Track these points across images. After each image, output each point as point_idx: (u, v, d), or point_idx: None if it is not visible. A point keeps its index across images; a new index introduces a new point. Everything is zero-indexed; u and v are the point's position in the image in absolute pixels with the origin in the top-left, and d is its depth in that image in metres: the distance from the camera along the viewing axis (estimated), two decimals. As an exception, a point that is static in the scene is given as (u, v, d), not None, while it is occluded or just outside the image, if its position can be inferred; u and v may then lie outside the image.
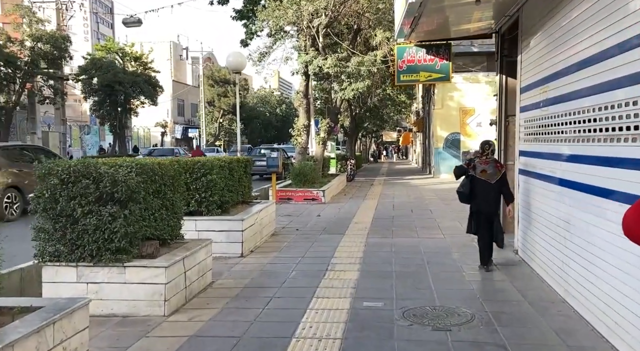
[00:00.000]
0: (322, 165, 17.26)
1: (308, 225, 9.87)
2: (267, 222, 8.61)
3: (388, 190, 17.44)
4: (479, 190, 6.14)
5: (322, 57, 15.34)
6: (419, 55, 8.60)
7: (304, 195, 13.32)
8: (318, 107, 24.35)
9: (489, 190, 6.11)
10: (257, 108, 59.36)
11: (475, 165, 6.18)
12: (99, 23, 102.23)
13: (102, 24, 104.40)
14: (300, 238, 8.49)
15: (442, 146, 22.81)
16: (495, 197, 6.22)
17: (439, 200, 13.96)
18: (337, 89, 16.22)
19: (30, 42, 22.18)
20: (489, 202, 6.16)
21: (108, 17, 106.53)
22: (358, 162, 29.20)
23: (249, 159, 8.83)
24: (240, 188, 8.34)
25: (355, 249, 7.50)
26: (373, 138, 46.68)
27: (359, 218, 10.64)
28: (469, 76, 22.64)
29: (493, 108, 22.76)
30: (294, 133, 16.05)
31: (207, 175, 7.11)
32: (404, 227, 9.58)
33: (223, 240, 7.11)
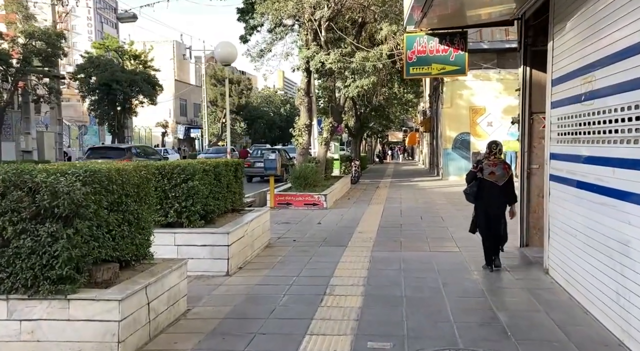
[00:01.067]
0: (325, 166, 16.31)
1: (307, 235, 8.91)
2: (260, 232, 7.66)
3: (394, 193, 16.45)
4: (486, 192, 6.11)
5: (325, 52, 14.39)
6: (430, 45, 7.62)
7: (304, 199, 12.36)
8: (321, 106, 23.42)
9: (497, 192, 6.08)
10: (261, 108, 58.49)
11: (483, 166, 6.13)
12: (103, 23, 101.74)
13: (107, 24, 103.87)
14: (297, 252, 7.53)
15: (451, 147, 21.78)
16: (503, 199, 6.17)
17: (449, 206, 12.96)
18: (341, 86, 15.24)
19: (23, 39, 21.33)
20: (496, 204, 6.14)
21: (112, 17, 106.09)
22: (363, 163, 28.23)
23: (239, 162, 7.88)
24: (229, 195, 7.40)
25: (358, 266, 6.53)
26: (378, 138, 45.65)
27: (363, 227, 9.67)
28: (479, 73, 21.63)
29: (505, 107, 21.79)
30: (294, 133, 15.09)
31: (188, 181, 6.17)
32: (414, 237, 8.60)
33: (206, 256, 6.18)
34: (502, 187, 6.10)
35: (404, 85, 23.47)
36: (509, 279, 5.86)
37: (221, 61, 7.92)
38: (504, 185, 6.10)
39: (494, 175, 6.08)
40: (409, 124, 49.69)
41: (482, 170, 6.14)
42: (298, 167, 13.31)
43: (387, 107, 26.08)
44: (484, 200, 6.17)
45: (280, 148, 24.83)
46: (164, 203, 6.19)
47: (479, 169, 6.17)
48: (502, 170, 6.11)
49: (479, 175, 6.15)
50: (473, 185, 6.23)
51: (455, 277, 5.97)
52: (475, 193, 6.21)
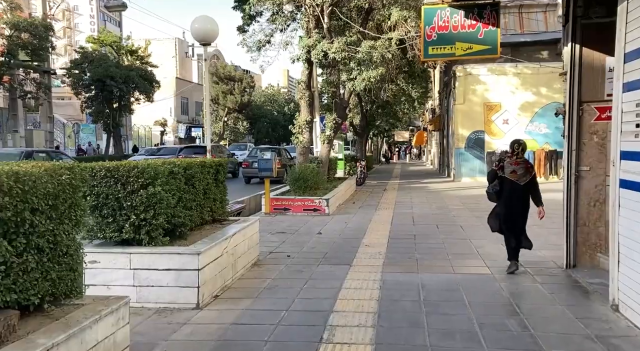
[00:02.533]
0: (328, 167, 14.91)
1: (304, 249, 7.52)
2: (246, 248, 6.28)
3: (404, 196, 15.03)
4: (507, 191, 6.02)
5: (328, 41, 13.00)
6: (454, 19, 6.22)
7: (303, 204, 10.97)
8: (325, 103, 22.02)
9: (518, 191, 5.97)
10: (264, 106, 57.14)
11: (505, 165, 6.02)
12: (106, 21, 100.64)
13: (110, 22, 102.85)
14: (291, 272, 6.14)
15: (464, 146, 20.33)
16: (524, 199, 6.01)
17: (467, 212, 11.53)
18: (345, 79, 13.84)
19: (8, 30, 20.07)
20: (517, 204, 6.01)
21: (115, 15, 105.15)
22: (369, 164, 26.82)
23: (221, 163, 6.51)
24: (206, 203, 6.03)
25: (366, 295, 5.14)
26: (385, 137, 44.17)
27: (370, 238, 8.27)
28: (494, 67, 20.21)
29: (522, 103, 20.28)
30: (294, 130, 13.71)
31: (148, 186, 4.80)
32: (432, 252, 7.19)
33: (170, 283, 4.80)
34: (523, 186, 5.94)
35: (412, 80, 22.03)
36: (567, 318, 4.44)
37: (199, 40, 6.57)
38: (525, 184, 5.94)
39: (516, 174, 5.93)
40: (416, 123, 48.23)
41: (503, 169, 6.01)
42: (298, 167, 11.92)
43: (395, 104, 24.64)
44: (505, 199, 6.06)
45: (281, 148, 23.45)
46: (117, 215, 4.83)
47: (500, 167, 6.04)
48: (524, 169, 5.94)
49: (500, 174, 6.04)
50: (495, 185, 6.12)
51: (493, 314, 4.56)
52: (498, 193, 6.11)
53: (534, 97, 19.88)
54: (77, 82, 27.53)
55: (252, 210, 12.80)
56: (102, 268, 4.80)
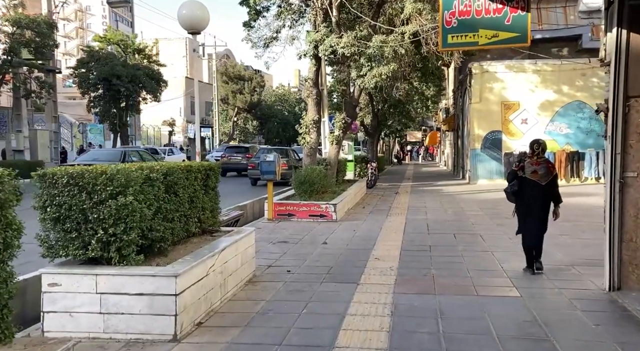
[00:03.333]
0: (337, 169, 14.13)
1: (306, 262, 6.76)
2: (239, 264, 5.54)
3: (417, 200, 14.20)
4: (527, 191, 5.93)
5: (336, 35, 12.21)
6: (478, 3, 5.41)
7: (309, 210, 10.21)
8: (334, 102, 21.26)
9: (539, 191, 5.89)
10: (274, 106, 56.51)
11: (525, 165, 5.96)
12: (118, 21, 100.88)
13: (122, 23, 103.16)
14: (289, 292, 5.38)
15: (480, 147, 19.40)
16: (545, 200, 5.94)
17: (486, 218, 10.68)
18: (355, 76, 13.04)
19: (10, 28, 19.59)
20: (539, 204, 5.92)
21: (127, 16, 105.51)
22: (380, 165, 25.99)
23: (211, 166, 5.77)
24: (193, 214, 5.29)
25: (375, 324, 4.36)
26: (397, 138, 43.24)
27: (381, 250, 7.48)
28: (512, 64, 19.28)
29: (542, 101, 19.28)
30: (300, 130, 12.95)
31: (118, 196, 4.08)
32: (450, 268, 6.38)
33: (143, 310, 4.07)
34: (544, 186, 5.87)
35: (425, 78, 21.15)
36: (621, 361, 3.62)
37: (187, 28, 5.86)
38: (546, 184, 5.88)
39: (537, 174, 5.87)
40: (429, 123, 47.23)
41: (523, 169, 5.94)
42: (303, 170, 11.16)
43: (407, 103, 23.76)
44: (525, 199, 5.97)
45: (288, 148, 22.72)
46: (82, 229, 4.11)
47: (520, 168, 5.97)
48: (545, 169, 5.90)
49: (520, 174, 5.96)
50: (514, 184, 6.02)
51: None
52: (517, 193, 6.00)
53: (555, 95, 18.90)
54: (84, 81, 27.08)
55: (256, 215, 12.08)
56: (63, 292, 4.10)
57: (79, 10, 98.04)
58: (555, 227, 8.69)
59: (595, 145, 18.61)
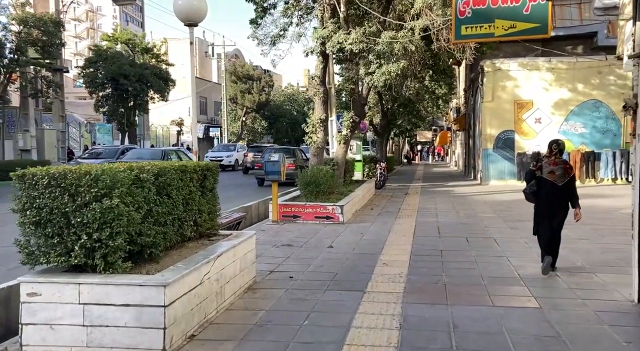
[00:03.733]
0: (345, 169, 13.77)
1: (310, 267, 6.41)
2: (238, 270, 5.21)
3: (428, 201, 13.80)
4: (545, 192, 5.91)
5: (344, 31, 11.86)
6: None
7: (315, 211, 9.87)
8: (343, 100, 20.89)
9: (556, 192, 5.86)
10: (283, 106, 56.23)
11: (543, 165, 5.95)
12: (129, 21, 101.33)
13: (132, 23, 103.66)
14: (291, 301, 5.04)
15: (492, 147, 18.93)
16: (562, 200, 5.91)
17: (499, 221, 10.27)
18: (363, 74, 12.66)
19: (17, 26, 19.47)
20: (555, 205, 5.90)
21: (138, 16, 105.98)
22: (390, 165, 25.57)
23: (209, 166, 5.44)
24: (188, 216, 4.97)
25: (382, 338, 4.00)
26: (406, 138, 42.73)
27: (389, 255, 7.11)
28: (525, 62, 18.82)
29: (556, 100, 18.75)
30: (306, 129, 12.62)
31: (103, 198, 3.77)
32: (463, 276, 6.00)
33: (130, 322, 3.74)
34: (562, 187, 5.83)
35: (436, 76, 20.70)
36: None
37: (184, 19, 5.54)
38: (563, 185, 5.84)
39: (554, 175, 5.84)
40: (439, 123, 46.70)
41: (541, 169, 5.92)
42: (310, 170, 10.81)
43: (417, 102, 23.31)
44: (543, 200, 5.94)
45: (296, 148, 22.40)
46: (65, 234, 3.80)
47: (538, 168, 5.95)
48: (562, 170, 5.86)
49: (537, 174, 5.93)
50: (533, 185, 5.98)
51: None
52: (535, 193, 5.97)
53: (570, 94, 18.37)
54: (92, 81, 26.98)
55: (261, 216, 11.77)
56: (44, 303, 3.79)
57: (89, 11, 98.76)
58: (573, 231, 8.29)
59: (611, 145, 18.08)
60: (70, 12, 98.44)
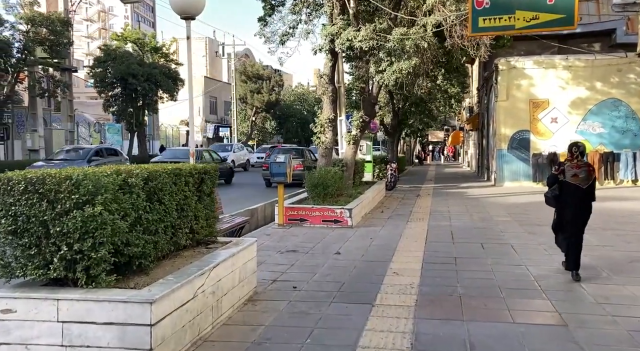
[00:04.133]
0: (354, 170, 13.38)
1: (316, 276, 6.04)
2: (237, 281, 4.85)
3: (440, 204, 13.35)
4: (569, 196, 5.76)
5: (354, 28, 11.47)
6: (515, -21, 4.62)
7: (322, 214, 9.49)
8: (353, 100, 20.49)
9: (580, 195, 5.72)
10: (293, 106, 55.94)
11: (565, 169, 5.79)
12: (140, 22, 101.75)
13: (144, 23, 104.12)
14: (293, 315, 4.67)
15: (507, 147, 18.40)
16: (586, 203, 5.78)
17: (516, 225, 9.80)
18: (374, 72, 12.25)
19: (24, 26, 19.35)
20: (581, 208, 5.75)
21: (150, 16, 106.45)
22: (401, 166, 25.11)
23: (207, 169, 5.08)
24: (183, 223, 4.63)
25: (391, 362, 3.61)
26: (418, 137, 42.17)
27: (400, 262, 6.71)
28: (541, 60, 18.26)
29: (573, 99, 18.10)
30: (315, 129, 12.25)
31: (85, 206, 3.43)
32: (480, 286, 5.58)
33: (113, 342, 3.40)
34: (585, 190, 5.73)
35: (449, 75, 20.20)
36: None
37: (180, 12, 5.19)
38: (587, 188, 5.73)
39: (578, 178, 5.71)
40: (451, 122, 46.04)
41: (564, 173, 5.79)
42: (317, 171, 10.43)
43: (429, 101, 22.82)
44: (566, 203, 5.81)
45: (305, 148, 22.04)
46: (43, 245, 3.48)
47: (561, 171, 5.82)
48: (585, 172, 5.74)
49: (560, 178, 5.81)
50: (555, 189, 5.89)
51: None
52: (557, 197, 5.87)
53: (587, 92, 17.78)
54: (101, 80, 26.87)
55: (268, 219, 11.43)
56: (20, 321, 3.46)
57: (101, 11, 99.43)
58: (596, 237, 7.83)
59: (631, 145, 17.47)
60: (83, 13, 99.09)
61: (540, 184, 17.82)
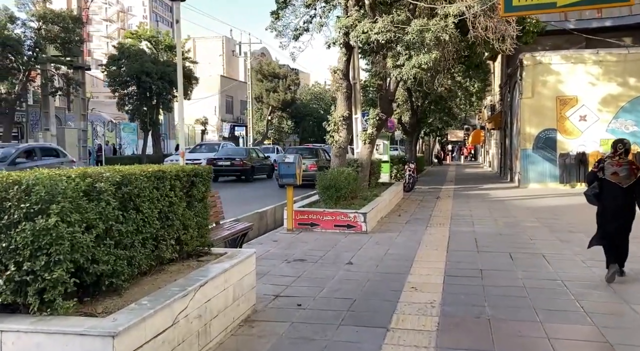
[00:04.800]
0: (370, 171, 12.68)
1: (324, 291, 5.37)
2: (230, 300, 4.22)
3: (461, 206, 12.57)
4: (607, 194, 5.56)
5: (370, 20, 10.77)
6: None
7: (334, 219, 8.81)
8: (369, 97, 19.77)
9: (619, 194, 5.48)
10: (310, 105, 55.32)
11: (605, 166, 5.57)
12: (159, 21, 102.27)
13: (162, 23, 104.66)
14: (294, 341, 4.02)
15: (532, 146, 17.48)
16: (627, 203, 5.49)
17: (546, 231, 8.99)
18: (391, 66, 11.53)
19: (36, 23, 19.09)
20: (619, 208, 5.50)
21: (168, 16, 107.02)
22: (419, 166, 24.29)
23: (198, 171, 4.45)
24: (168, 234, 4.01)
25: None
26: (437, 137, 41.17)
27: (419, 275, 6.00)
28: (570, 54, 17.31)
29: (604, 96, 17.01)
30: (328, 127, 11.59)
31: (37, 217, 2.83)
32: (511, 306, 4.85)
33: (68, 383, 2.78)
34: (626, 189, 5.48)
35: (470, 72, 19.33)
36: None
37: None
38: (629, 187, 5.47)
39: (617, 176, 5.51)
40: (471, 121, 44.91)
41: (603, 170, 5.60)
42: (329, 172, 9.76)
43: (450, 99, 21.96)
44: (605, 202, 5.61)
45: (319, 148, 21.38)
46: (-12, 264, 2.89)
47: (600, 169, 5.64)
48: (627, 170, 5.49)
49: (600, 175, 5.62)
50: (595, 187, 5.70)
51: None
52: (597, 195, 5.66)
53: (620, 88, 16.75)
54: (114, 79, 26.63)
55: (278, 222, 10.80)
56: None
57: (120, 11, 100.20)
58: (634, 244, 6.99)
59: (668, 145, 16.39)
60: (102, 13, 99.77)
61: (567, 186, 16.88)
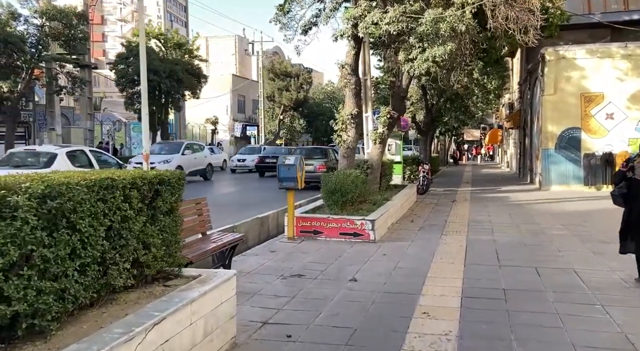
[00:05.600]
0: (381, 173, 11.85)
1: (320, 316, 4.59)
2: (201, 336, 3.45)
3: (480, 211, 11.67)
4: (637, 195, 5.36)
5: (381, 10, 9.95)
6: None
7: (340, 226, 8.01)
8: (381, 95, 18.91)
9: None
10: (323, 104, 54.53)
11: (635, 165, 5.39)
12: (173, 21, 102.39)
13: (176, 23, 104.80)
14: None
15: (554, 146, 16.47)
16: None
17: (576, 241, 8.08)
18: (403, 60, 10.68)
19: (39, 20, 18.63)
20: None
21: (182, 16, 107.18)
22: (434, 166, 23.34)
23: (164, 178, 3.69)
24: (121, 256, 3.28)
25: None
26: (453, 136, 40.06)
27: (432, 295, 5.18)
28: (595, 49, 16.26)
29: (633, 93, 15.71)
30: (335, 126, 10.80)
31: None
32: (545, 341, 4.01)
33: None
34: None
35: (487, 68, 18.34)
36: None
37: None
38: None
39: None
40: (488, 121, 43.67)
41: (632, 170, 5.39)
42: (334, 175, 8.96)
43: (466, 97, 20.97)
44: (634, 202, 5.36)
45: (328, 148, 20.58)
46: None
47: (629, 168, 5.41)
48: None
49: (629, 175, 5.39)
50: (622, 187, 5.48)
51: None
52: (626, 196, 5.44)
53: (652, 83, 15.66)
54: (122, 77, 26.15)
55: (280, 228, 10.02)
56: None
57: (135, 12, 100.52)
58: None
59: (702, 144, 15.25)
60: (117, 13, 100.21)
61: (593, 188, 15.85)
